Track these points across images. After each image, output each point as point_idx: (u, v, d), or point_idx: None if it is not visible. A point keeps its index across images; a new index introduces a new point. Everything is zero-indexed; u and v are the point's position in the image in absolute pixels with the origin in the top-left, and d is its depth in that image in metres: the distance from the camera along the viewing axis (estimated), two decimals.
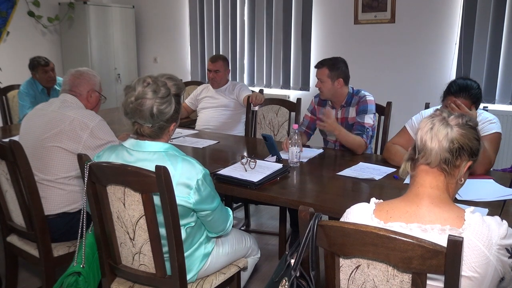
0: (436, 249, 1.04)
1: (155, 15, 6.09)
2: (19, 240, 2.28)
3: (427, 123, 1.24)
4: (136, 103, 1.63)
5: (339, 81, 2.79)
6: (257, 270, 2.73)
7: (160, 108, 1.65)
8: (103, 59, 5.72)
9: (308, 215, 1.22)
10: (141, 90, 1.64)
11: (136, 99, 1.63)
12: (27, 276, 2.79)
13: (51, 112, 2.23)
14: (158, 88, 1.65)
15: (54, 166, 2.16)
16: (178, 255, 1.65)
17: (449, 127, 1.22)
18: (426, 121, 1.25)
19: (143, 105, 1.63)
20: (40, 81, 3.84)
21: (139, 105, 1.63)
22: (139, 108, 1.63)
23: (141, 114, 1.64)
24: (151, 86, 1.65)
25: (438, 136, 1.21)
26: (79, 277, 1.78)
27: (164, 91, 1.65)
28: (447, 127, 1.22)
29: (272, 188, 2.08)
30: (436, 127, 1.22)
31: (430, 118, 1.26)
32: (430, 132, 1.22)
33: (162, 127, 1.70)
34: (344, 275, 1.22)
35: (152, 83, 1.65)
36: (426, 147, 1.22)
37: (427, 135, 1.22)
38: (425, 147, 1.22)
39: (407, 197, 1.27)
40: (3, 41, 5.16)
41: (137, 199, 1.63)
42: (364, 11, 4.58)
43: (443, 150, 1.21)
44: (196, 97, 3.96)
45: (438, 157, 1.21)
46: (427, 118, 1.27)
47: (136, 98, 1.63)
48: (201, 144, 2.95)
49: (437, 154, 1.21)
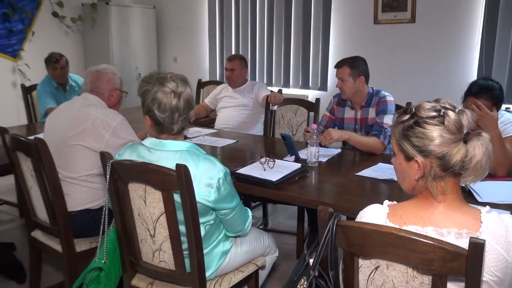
0: (457, 252, 1.03)
1: (175, 15, 6.13)
2: (43, 235, 2.32)
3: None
4: (181, 100, 1.68)
5: (360, 79, 2.78)
6: (274, 269, 2.73)
7: (192, 95, 1.74)
8: (124, 59, 5.79)
9: (327, 215, 1.21)
10: (174, 86, 1.68)
11: (178, 95, 1.68)
12: (51, 271, 2.84)
13: (74, 110, 2.26)
14: (182, 79, 1.72)
15: (77, 164, 2.19)
16: (197, 252, 1.66)
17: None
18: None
19: (186, 96, 1.69)
20: (51, 77, 3.91)
21: (184, 99, 1.69)
22: (185, 100, 1.69)
23: (187, 106, 1.70)
24: (179, 80, 1.71)
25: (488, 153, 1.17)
26: (100, 273, 1.80)
27: (185, 78, 1.73)
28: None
29: (291, 188, 2.08)
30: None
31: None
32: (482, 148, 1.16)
33: (187, 117, 1.76)
34: (363, 275, 1.21)
35: (175, 77, 1.71)
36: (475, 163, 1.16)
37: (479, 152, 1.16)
38: (471, 162, 1.16)
39: (420, 202, 1.22)
40: (28, 41, 5.27)
41: (157, 197, 1.65)
42: (384, 11, 4.53)
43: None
44: (215, 96, 3.98)
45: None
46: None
47: (178, 95, 1.68)
48: (220, 143, 2.96)
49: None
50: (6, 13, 4.97)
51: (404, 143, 1.21)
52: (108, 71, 2.41)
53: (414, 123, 1.19)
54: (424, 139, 1.17)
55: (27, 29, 5.23)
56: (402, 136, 1.21)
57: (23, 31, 5.19)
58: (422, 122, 1.18)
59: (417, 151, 1.18)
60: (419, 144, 1.18)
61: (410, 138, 1.19)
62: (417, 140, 1.18)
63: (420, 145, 1.18)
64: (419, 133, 1.18)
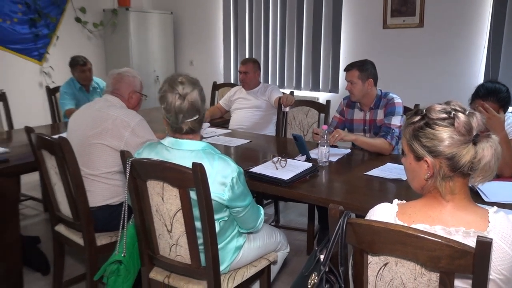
0: (464, 250, 1.01)
1: (192, 20, 6.15)
2: (66, 229, 2.34)
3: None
4: (185, 101, 1.68)
5: (369, 81, 2.76)
6: (286, 264, 2.72)
7: (202, 95, 1.74)
8: (143, 62, 5.82)
9: (338, 213, 1.20)
10: (180, 87, 1.68)
11: (183, 97, 1.68)
12: (73, 263, 2.87)
13: (96, 111, 2.28)
14: (192, 81, 1.72)
15: (98, 162, 2.21)
16: (212, 247, 1.67)
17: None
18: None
19: (192, 98, 1.68)
20: (77, 79, 3.95)
21: (188, 101, 1.68)
22: (189, 102, 1.68)
23: (193, 107, 1.69)
24: (187, 83, 1.70)
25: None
26: (120, 265, 1.82)
27: (196, 81, 1.74)
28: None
29: (302, 186, 2.07)
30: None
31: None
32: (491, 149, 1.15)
33: (203, 114, 1.76)
34: (372, 271, 1.20)
35: (185, 80, 1.71)
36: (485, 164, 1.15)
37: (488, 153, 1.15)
38: (480, 163, 1.14)
39: (429, 201, 1.21)
40: (53, 45, 5.33)
41: (174, 194, 1.66)
42: (393, 15, 4.49)
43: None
44: (230, 98, 3.98)
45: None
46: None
47: (182, 97, 1.68)
48: (234, 143, 2.96)
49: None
50: (33, 19, 5.04)
51: (414, 144, 1.19)
52: (129, 74, 2.43)
53: (424, 124, 1.18)
54: (434, 140, 1.16)
55: (51, 33, 5.29)
56: (413, 137, 1.20)
57: (48, 36, 5.26)
58: (432, 124, 1.16)
59: (427, 151, 1.17)
60: (429, 145, 1.16)
61: (420, 138, 1.18)
62: (427, 141, 1.17)
63: (430, 146, 1.16)
64: (429, 134, 1.16)
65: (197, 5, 6.04)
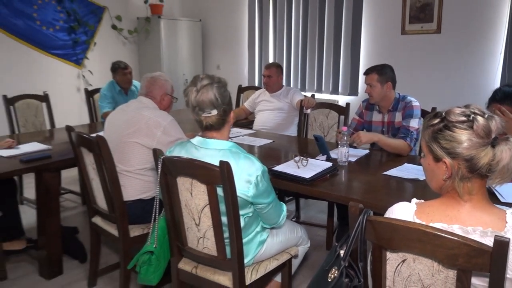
0: (482, 249, 0.99)
1: (219, 27, 6.19)
2: (102, 221, 2.38)
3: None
4: (199, 94, 1.69)
5: (387, 85, 2.73)
6: (306, 259, 2.70)
7: (221, 91, 1.72)
8: (173, 66, 5.89)
9: (357, 210, 1.19)
10: (199, 83, 1.71)
11: (198, 90, 1.70)
12: (108, 253, 2.92)
13: (131, 112, 2.32)
14: (212, 78, 1.73)
15: (132, 159, 2.24)
16: (237, 240, 1.67)
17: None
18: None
19: (207, 92, 1.69)
20: (118, 82, 4.01)
21: (203, 94, 1.69)
22: (204, 95, 1.69)
23: (207, 101, 1.69)
24: (206, 78, 1.73)
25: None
26: (152, 256, 1.84)
27: (217, 78, 1.74)
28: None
29: (323, 185, 2.06)
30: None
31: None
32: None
33: (226, 112, 1.75)
34: (391, 267, 1.18)
35: (205, 77, 1.73)
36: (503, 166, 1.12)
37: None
38: (498, 165, 1.11)
39: (447, 201, 1.18)
40: (91, 50, 5.44)
41: (202, 190, 1.67)
42: (411, 22, 4.41)
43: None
44: (254, 100, 3.99)
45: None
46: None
47: (197, 90, 1.70)
48: (258, 143, 2.97)
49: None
50: (72, 26, 5.15)
51: (433, 145, 1.17)
52: (161, 78, 2.47)
53: (443, 126, 1.16)
54: (452, 141, 1.13)
55: (89, 40, 5.40)
56: (432, 138, 1.18)
57: (86, 42, 5.37)
58: (451, 126, 1.14)
59: (446, 152, 1.15)
60: (448, 147, 1.14)
61: (439, 140, 1.16)
62: (445, 143, 1.14)
63: (449, 147, 1.14)
64: (448, 136, 1.14)
65: (224, 13, 6.07)
